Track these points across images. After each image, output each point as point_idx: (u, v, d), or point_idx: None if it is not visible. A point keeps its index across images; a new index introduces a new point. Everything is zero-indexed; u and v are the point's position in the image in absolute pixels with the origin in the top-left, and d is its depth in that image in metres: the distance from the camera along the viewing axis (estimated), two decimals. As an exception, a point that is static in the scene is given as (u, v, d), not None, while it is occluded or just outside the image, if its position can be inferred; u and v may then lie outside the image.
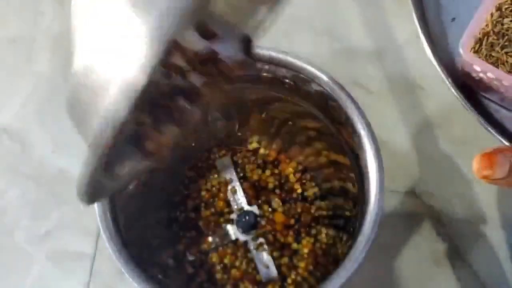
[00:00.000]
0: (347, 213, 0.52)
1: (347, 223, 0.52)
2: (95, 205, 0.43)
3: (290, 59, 0.46)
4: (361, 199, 0.45)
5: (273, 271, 0.54)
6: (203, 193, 0.56)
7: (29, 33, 0.68)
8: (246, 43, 0.36)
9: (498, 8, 0.45)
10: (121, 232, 0.44)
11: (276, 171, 0.57)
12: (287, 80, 0.48)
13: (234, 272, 0.54)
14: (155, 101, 0.34)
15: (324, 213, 0.56)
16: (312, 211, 0.56)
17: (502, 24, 0.44)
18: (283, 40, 0.66)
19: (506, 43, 0.44)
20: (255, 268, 0.54)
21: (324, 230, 0.55)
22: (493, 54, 0.44)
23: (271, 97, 0.52)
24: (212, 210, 0.56)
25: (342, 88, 0.45)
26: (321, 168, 0.56)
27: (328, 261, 0.53)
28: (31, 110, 0.65)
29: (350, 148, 0.48)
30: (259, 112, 0.55)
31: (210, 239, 0.55)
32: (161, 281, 0.49)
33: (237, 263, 0.54)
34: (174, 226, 0.56)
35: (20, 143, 0.64)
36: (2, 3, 0.70)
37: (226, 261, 0.54)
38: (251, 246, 0.54)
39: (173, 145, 0.37)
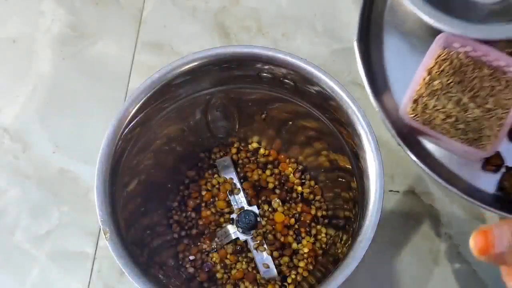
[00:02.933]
0: (347, 213, 0.52)
1: (346, 223, 0.52)
2: (96, 205, 0.43)
3: (290, 59, 0.46)
4: (361, 199, 0.45)
5: (273, 271, 0.54)
6: (203, 193, 0.56)
7: (30, 33, 0.68)
8: None
9: (429, 72, 0.51)
10: (122, 232, 0.44)
11: (276, 171, 0.57)
12: (287, 80, 0.48)
13: (234, 271, 0.54)
14: None
15: (324, 213, 0.56)
16: (312, 211, 0.56)
17: (433, 86, 0.51)
18: (283, 40, 0.66)
19: (437, 102, 0.51)
20: (255, 268, 0.54)
21: (324, 230, 0.55)
22: (427, 111, 0.51)
23: (271, 97, 0.52)
24: (212, 210, 0.56)
25: (342, 88, 0.45)
26: (321, 168, 0.56)
27: (328, 260, 0.53)
28: (32, 110, 0.65)
29: (350, 148, 0.48)
30: (259, 112, 0.55)
31: (210, 239, 0.55)
32: (161, 281, 0.49)
33: (237, 263, 0.54)
34: (174, 226, 0.56)
35: (20, 143, 0.64)
36: (2, 4, 0.70)
37: (226, 261, 0.55)
38: (251, 246, 0.54)
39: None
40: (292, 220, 0.55)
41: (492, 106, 0.51)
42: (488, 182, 0.54)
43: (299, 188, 0.57)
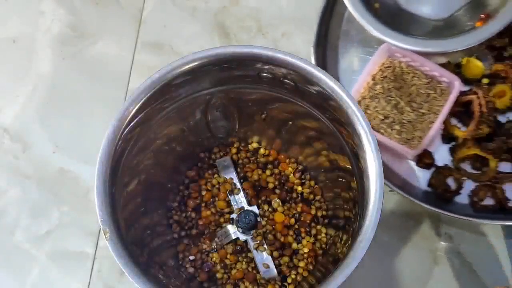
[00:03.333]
0: (347, 213, 0.52)
1: (346, 223, 0.52)
2: (96, 205, 0.43)
3: (290, 59, 0.46)
4: (361, 199, 0.45)
5: (273, 271, 0.54)
6: (203, 193, 0.56)
7: (30, 33, 0.69)
8: None
9: (373, 77, 0.59)
10: (122, 232, 0.44)
11: (276, 171, 0.57)
12: (287, 80, 0.48)
13: (234, 271, 0.54)
14: None
15: (324, 213, 0.56)
16: (312, 211, 0.56)
17: (375, 90, 0.58)
18: (283, 40, 0.66)
19: (377, 104, 0.58)
20: (255, 268, 0.54)
21: (324, 230, 0.55)
22: (368, 112, 0.58)
23: (271, 97, 0.52)
24: (212, 210, 0.56)
25: (342, 88, 0.45)
26: (321, 168, 0.56)
27: (328, 260, 0.53)
28: (32, 110, 0.65)
29: (350, 148, 0.48)
30: (259, 112, 0.55)
31: (210, 239, 0.55)
32: (161, 281, 0.49)
33: (237, 263, 0.54)
34: (174, 226, 0.56)
35: (20, 143, 0.64)
36: (2, 4, 0.70)
37: (226, 261, 0.55)
38: (251, 246, 0.54)
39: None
40: (292, 220, 0.55)
41: (426, 111, 0.57)
42: (422, 179, 0.59)
43: (299, 188, 0.57)
